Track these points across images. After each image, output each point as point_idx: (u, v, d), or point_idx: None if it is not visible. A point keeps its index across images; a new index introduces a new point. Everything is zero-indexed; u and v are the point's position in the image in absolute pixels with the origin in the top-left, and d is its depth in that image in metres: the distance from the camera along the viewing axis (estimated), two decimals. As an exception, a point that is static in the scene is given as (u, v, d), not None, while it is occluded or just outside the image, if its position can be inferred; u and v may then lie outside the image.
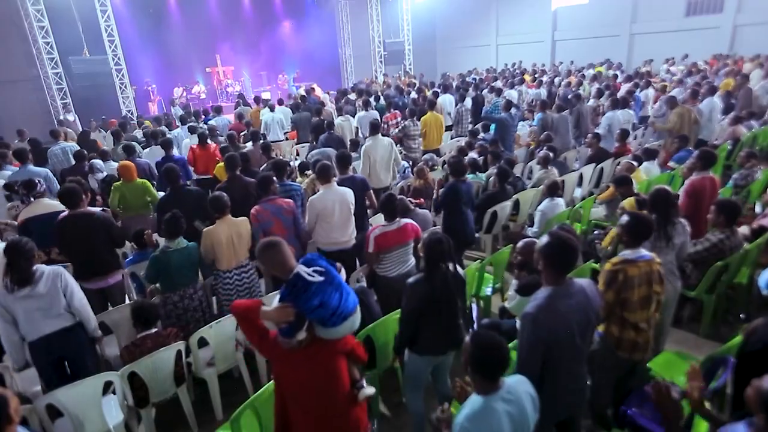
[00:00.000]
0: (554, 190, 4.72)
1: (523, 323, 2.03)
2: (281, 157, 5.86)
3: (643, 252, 2.51)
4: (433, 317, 2.54)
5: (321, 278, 1.94)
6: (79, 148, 7.04)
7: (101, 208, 4.57)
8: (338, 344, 2.07)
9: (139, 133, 9.20)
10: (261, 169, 5.50)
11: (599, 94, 8.86)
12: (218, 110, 10.01)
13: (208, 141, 6.54)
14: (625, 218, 2.62)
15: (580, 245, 2.17)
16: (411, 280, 2.56)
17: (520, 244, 3.23)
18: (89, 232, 3.68)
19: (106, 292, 3.86)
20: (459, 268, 2.65)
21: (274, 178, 4.05)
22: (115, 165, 6.12)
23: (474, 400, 1.75)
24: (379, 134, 5.78)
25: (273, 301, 2.06)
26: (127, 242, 4.76)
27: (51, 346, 2.95)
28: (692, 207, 3.98)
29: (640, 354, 2.57)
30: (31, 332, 2.92)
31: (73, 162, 6.24)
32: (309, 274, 1.93)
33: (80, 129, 10.49)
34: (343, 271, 2.29)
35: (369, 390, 2.17)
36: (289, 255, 2.01)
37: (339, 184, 4.14)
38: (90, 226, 3.69)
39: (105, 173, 5.58)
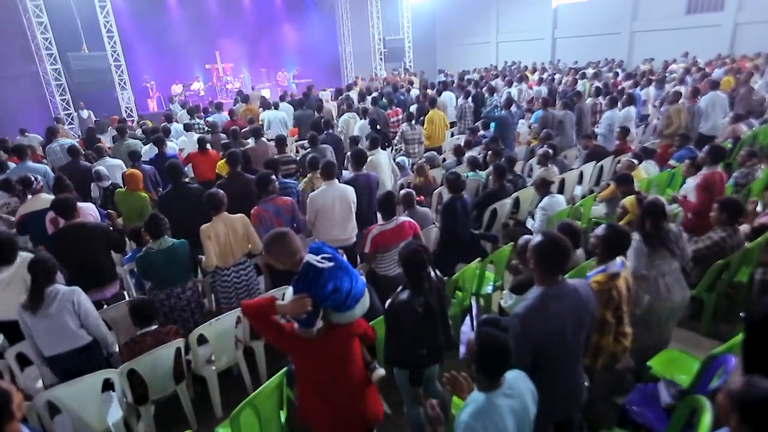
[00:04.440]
0: (545, 187, 4.71)
1: (512, 324, 2.01)
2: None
3: (618, 261, 2.47)
4: (416, 335, 2.43)
5: (330, 263, 1.96)
6: (76, 144, 7.00)
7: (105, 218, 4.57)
8: (352, 327, 2.11)
9: (138, 131, 9.18)
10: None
11: (597, 92, 8.86)
12: (218, 107, 9.96)
13: (208, 147, 6.33)
14: (601, 230, 2.52)
15: (572, 247, 2.13)
16: (398, 302, 2.42)
17: (520, 241, 3.20)
18: (84, 243, 3.64)
19: (104, 305, 3.79)
20: (436, 272, 2.57)
21: (273, 176, 4.03)
22: (111, 162, 6.09)
23: (477, 398, 1.75)
24: (379, 148, 5.69)
25: (286, 294, 2.08)
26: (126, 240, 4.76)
27: (66, 363, 2.92)
28: (706, 201, 3.97)
29: (629, 357, 2.57)
30: (46, 349, 2.90)
31: (81, 161, 6.18)
32: (319, 261, 1.94)
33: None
34: (344, 256, 2.28)
35: (381, 371, 2.24)
36: (297, 244, 2.03)
37: (353, 181, 4.13)
38: (85, 236, 3.66)
39: (110, 181, 5.52)
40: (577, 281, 2.16)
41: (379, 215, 4.77)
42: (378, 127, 7.55)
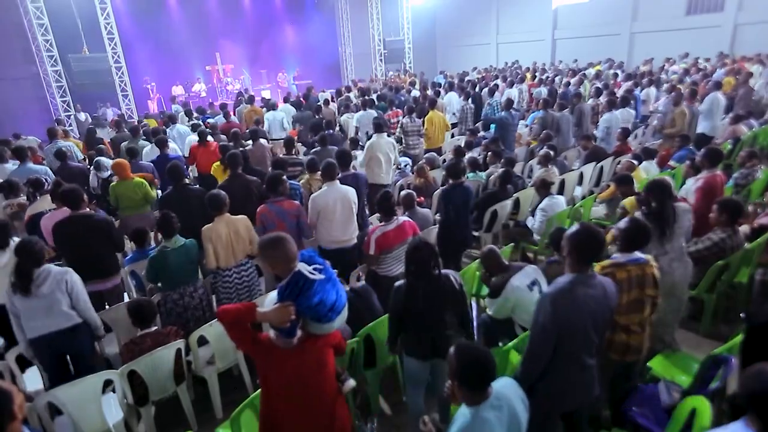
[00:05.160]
0: (545, 188, 4.71)
1: (541, 305, 2.05)
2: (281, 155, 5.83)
3: (637, 255, 2.47)
4: (415, 324, 2.51)
5: (321, 276, 1.95)
6: (63, 148, 7.00)
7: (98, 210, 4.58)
8: (329, 337, 2.08)
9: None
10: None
11: (597, 93, 8.85)
12: (223, 107, 9.94)
13: (209, 139, 6.46)
14: (624, 222, 2.56)
15: (605, 240, 2.16)
16: (397, 283, 2.54)
17: (484, 250, 3.25)
18: (88, 234, 3.66)
19: (104, 295, 3.83)
20: (455, 275, 2.59)
21: (284, 177, 4.02)
22: (110, 162, 6.10)
23: (463, 414, 1.72)
24: (384, 133, 5.74)
25: (266, 301, 2.05)
26: (127, 241, 4.77)
27: (52, 344, 2.96)
28: (707, 204, 3.92)
29: (633, 356, 2.56)
30: (32, 330, 2.93)
31: (69, 162, 6.19)
32: (311, 272, 1.92)
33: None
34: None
35: (352, 382, 2.21)
36: (294, 252, 1.98)
37: (342, 182, 4.13)
38: (89, 227, 3.67)
39: (110, 172, 5.57)
40: (605, 278, 2.20)
41: (369, 214, 4.83)
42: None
